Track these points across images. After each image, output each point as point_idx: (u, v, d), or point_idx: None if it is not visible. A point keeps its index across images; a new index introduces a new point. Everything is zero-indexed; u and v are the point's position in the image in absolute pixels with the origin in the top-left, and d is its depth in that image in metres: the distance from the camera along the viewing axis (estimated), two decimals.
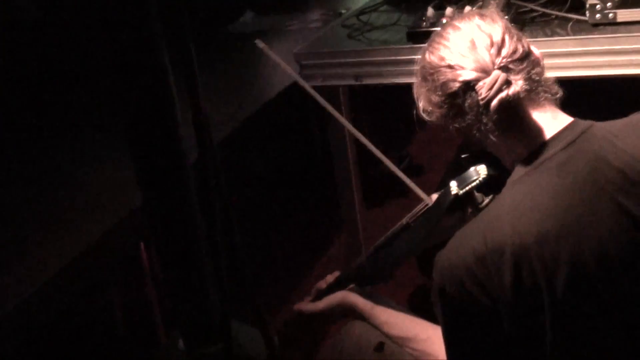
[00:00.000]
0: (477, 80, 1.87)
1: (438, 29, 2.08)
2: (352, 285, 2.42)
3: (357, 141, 3.44)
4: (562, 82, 2.00)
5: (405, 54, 3.07)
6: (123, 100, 1.65)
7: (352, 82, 3.19)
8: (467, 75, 1.89)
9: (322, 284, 2.47)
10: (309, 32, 4.12)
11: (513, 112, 1.89)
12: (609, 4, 2.88)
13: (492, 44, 1.90)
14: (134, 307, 3.00)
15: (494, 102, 1.86)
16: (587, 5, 2.93)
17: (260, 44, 2.30)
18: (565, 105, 1.98)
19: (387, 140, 4.62)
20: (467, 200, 2.02)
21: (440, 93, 1.93)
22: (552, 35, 2.93)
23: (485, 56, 1.88)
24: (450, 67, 1.91)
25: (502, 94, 1.85)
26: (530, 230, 1.76)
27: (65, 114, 3.57)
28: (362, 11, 3.71)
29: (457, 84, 1.90)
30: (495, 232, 1.78)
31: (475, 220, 1.88)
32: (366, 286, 2.41)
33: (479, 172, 2.00)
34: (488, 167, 1.99)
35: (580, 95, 2.15)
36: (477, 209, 1.99)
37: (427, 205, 2.19)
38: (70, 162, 3.13)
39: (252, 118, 3.30)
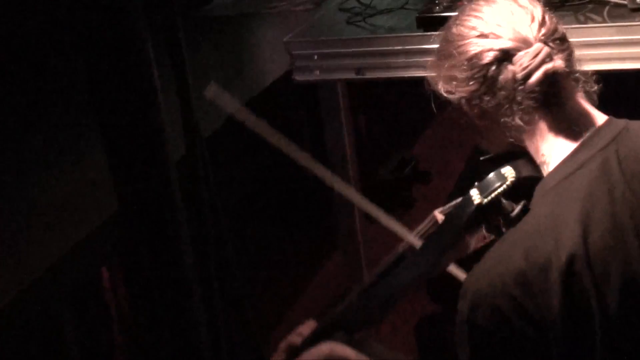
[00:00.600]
0: (517, 50, 1.81)
1: (454, 13, 1.98)
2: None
3: (357, 145, 3.14)
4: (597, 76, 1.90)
5: (416, 42, 2.88)
6: (98, 91, 1.54)
7: (353, 75, 2.98)
8: (505, 43, 1.81)
9: (295, 339, 2.17)
10: (298, 15, 3.92)
11: (553, 93, 1.81)
12: None
13: (532, 19, 1.84)
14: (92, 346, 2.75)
15: (537, 74, 1.78)
16: None
17: (211, 89, 2.05)
18: (599, 101, 1.91)
19: (389, 141, 4.32)
20: (492, 211, 1.85)
21: (469, 66, 1.83)
22: (585, 22, 2.83)
23: (524, 29, 1.82)
24: (483, 35, 1.83)
25: (548, 65, 1.79)
26: (576, 242, 1.70)
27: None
28: None
29: (493, 53, 1.80)
30: (536, 247, 1.70)
31: (509, 234, 1.78)
32: (355, 332, 2.12)
33: (505, 175, 1.83)
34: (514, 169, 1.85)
35: (615, 91, 2.08)
36: (508, 220, 1.83)
37: (435, 221, 2.05)
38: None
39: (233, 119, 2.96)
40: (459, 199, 1.91)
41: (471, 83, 1.82)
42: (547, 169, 1.83)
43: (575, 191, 1.76)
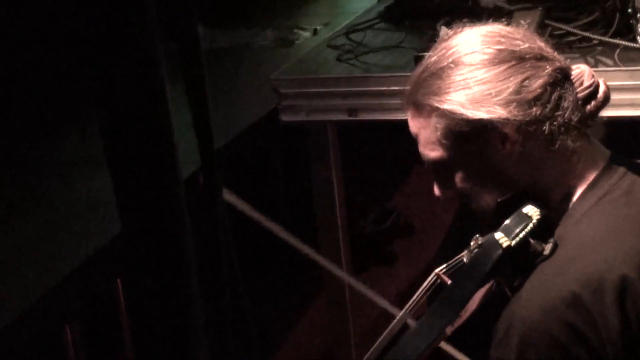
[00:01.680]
0: (569, 69, 1.75)
1: None
2: None
3: (347, 193, 3.00)
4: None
5: None
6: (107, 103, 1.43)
7: (345, 117, 2.83)
8: (561, 62, 1.74)
9: None
10: (284, 51, 3.86)
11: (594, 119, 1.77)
12: None
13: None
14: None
15: (599, 94, 1.74)
16: (638, 30, 2.76)
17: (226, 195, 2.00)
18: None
19: (369, 191, 4.17)
20: (520, 254, 1.73)
21: (529, 89, 1.70)
22: (596, 65, 2.77)
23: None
24: (537, 55, 1.75)
25: (603, 87, 1.75)
26: (625, 261, 1.66)
27: None
28: (352, 29, 3.31)
29: (554, 73, 1.71)
30: (586, 270, 1.65)
31: (545, 266, 1.69)
32: None
33: (529, 214, 1.73)
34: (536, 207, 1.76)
35: (621, 138, 2.06)
36: (541, 260, 1.72)
37: (437, 282, 1.91)
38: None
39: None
40: (482, 243, 1.79)
41: (533, 107, 1.69)
42: (571, 199, 1.76)
43: (608, 215, 1.72)
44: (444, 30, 1.92)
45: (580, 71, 1.75)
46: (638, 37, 2.73)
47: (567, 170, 1.77)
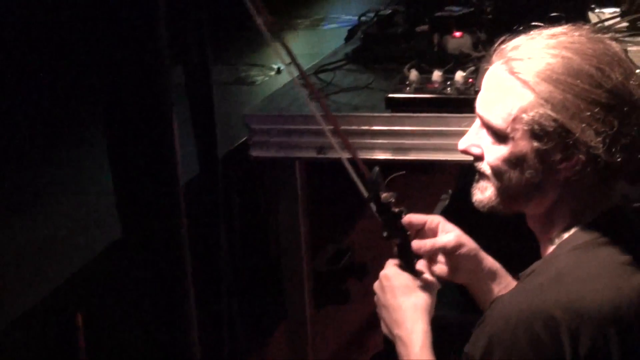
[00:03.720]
0: None
1: (425, 95, 2.26)
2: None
3: (311, 229, 2.99)
4: None
5: (383, 123, 2.73)
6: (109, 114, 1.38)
7: (314, 154, 2.79)
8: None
9: None
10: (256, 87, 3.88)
11: None
12: None
13: None
14: None
15: None
16: None
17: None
18: None
19: (324, 229, 4.13)
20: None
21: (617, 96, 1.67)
22: None
23: None
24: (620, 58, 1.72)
25: None
26: (604, 301, 1.64)
27: None
28: (321, 68, 3.29)
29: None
30: (569, 295, 1.64)
31: (531, 281, 1.72)
32: None
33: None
34: None
35: None
36: None
37: None
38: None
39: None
40: None
41: (612, 149, 1.65)
42: (571, 228, 1.75)
43: (607, 256, 1.70)
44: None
45: None
46: None
47: (588, 205, 1.76)
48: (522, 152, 1.70)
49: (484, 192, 1.80)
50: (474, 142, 1.79)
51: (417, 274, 1.97)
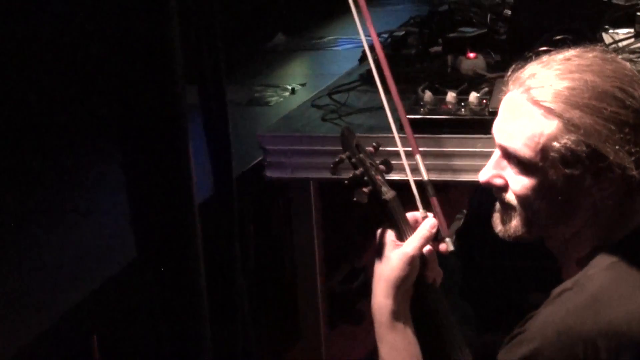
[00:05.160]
0: None
1: (440, 116, 2.26)
2: None
3: (326, 248, 2.98)
4: None
5: (397, 144, 2.58)
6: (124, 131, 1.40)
7: (328, 175, 2.64)
8: None
9: None
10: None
11: None
12: None
13: None
14: None
15: None
16: None
17: None
18: None
19: (337, 249, 4.13)
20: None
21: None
22: None
23: None
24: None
25: None
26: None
27: None
28: (335, 89, 3.30)
29: None
30: (612, 321, 1.63)
31: (572, 299, 1.69)
32: None
33: None
34: None
35: None
36: None
37: None
38: None
39: None
40: None
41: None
42: (605, 245, 1.73)
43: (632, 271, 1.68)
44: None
45: None
46: None
47: (618, 223, 1.74)
48: (552, 180, 1.68)
49: (509, 222, 1.78)
50: (496, 173, 1.77)
51: (402, 238, 1.88)
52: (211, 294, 1.63)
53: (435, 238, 1.88)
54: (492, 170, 1.78)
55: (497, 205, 1.81)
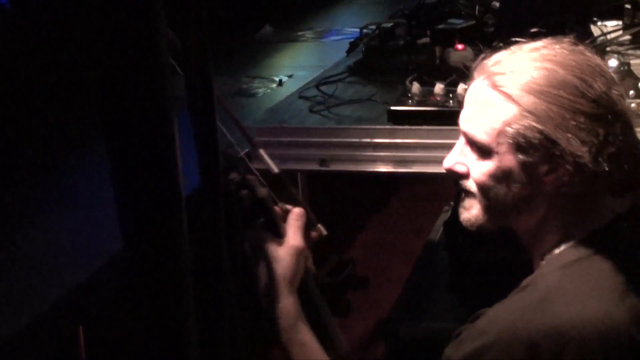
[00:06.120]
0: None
1: (428, 108, 2.17)
2: None
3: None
4: None
5: (385, 136, 2.73)
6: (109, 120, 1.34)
7: (316, 166, 2.80)
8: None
9: None
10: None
11: None
12: (631, 93, 2.57)
13: None
14: None
15: None
16: None
17: None
18: None
19: (325, 241, 4.11)
20: None
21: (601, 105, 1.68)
22: None
23: None
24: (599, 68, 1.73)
25: None
26: (591, 323, 1.62)
27: None
28: (322, 81, 3.28)
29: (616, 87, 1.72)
30: (553, 321, 1.63)
31: (519, 300, 1.70)
32: None
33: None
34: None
35: None
36: None
37: None
38: None
39: None
40: None
41: (599, 158, 1.65)
42: (561, 244, 1.75)
43: (596, 274, 1.69)
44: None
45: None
46: None
47: (578, 220, 1.75)
48: (507, 166, 1.70)
49: (470, 211, 1.81)
50: (459, 160, 1.79)
51: (280, 235, 1.93)
52: (197, 286, 1.62)
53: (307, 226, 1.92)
54: (455, 157, 1.81)
55: (462, 194, 1.83)
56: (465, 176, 1.79)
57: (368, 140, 2.72)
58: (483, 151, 1.72)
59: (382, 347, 3.01)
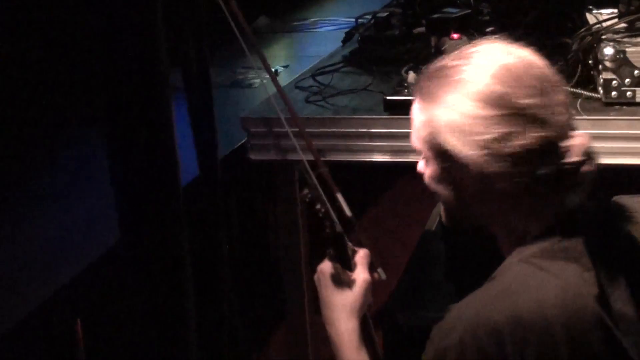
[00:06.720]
0: (566, 138, 1.72)
1: None
2: None
3: (310, 232, 2.98)
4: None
5: (381, 125, 2.76)
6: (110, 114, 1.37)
7: (312, 157, 2.75)
8: (559, 132, 1.71)
9: None
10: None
11: None
12: (627, 81, 2.67)
13: None
14: None
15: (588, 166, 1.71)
16: (601, 81, 2.71)
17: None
18: None
19: (323, 233, 4.12)
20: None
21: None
22: None
23: None
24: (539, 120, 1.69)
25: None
26: (554, 307, 1.64)
27: None
28: (318, 71, 3.30)
29: (542, 142, 1.68)
30: (517, 308, 1.64)
31: (486, 289, 1.72)
32: None
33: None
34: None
35: None
36: None
37: None
38: None
39: None
40: None
41: (502, 162, 1.66)
42: (525, 239, 1.75)
43: (560, 264, 1.69)
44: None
45: (577, 144, 1.68)
46: (599, 88, 2.70)
47: (533, 215, 1.75)
48: (435, 171, 1.76)
49: (442, 212, 1.86)
50: (421, 165, 1.85)
51: (350, 268, 2.03)
52: (196, 276, 1.63)
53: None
54: (420, 162, 1.85)
55: None
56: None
57: (364, 130, 2.74)
58: (423, 157, 1.81)
59: (380, 335, 3.01)
